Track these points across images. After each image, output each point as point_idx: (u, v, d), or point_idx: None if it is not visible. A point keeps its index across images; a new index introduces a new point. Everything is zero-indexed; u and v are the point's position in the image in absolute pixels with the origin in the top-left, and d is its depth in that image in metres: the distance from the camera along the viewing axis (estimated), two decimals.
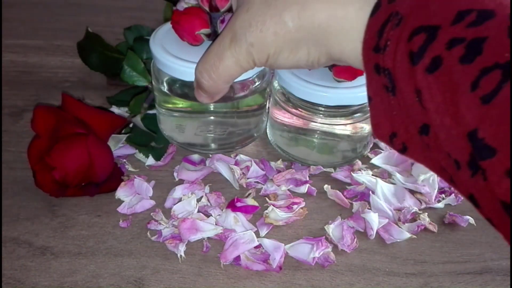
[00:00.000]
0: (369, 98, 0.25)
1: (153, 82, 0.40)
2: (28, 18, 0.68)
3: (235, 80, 0.32)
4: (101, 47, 0.50)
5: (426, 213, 0.40)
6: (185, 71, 0.36)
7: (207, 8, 0.36)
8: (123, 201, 0.40)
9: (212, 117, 0.42)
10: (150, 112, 0.46)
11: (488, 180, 0.20)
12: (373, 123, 0.25)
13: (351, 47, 0.25)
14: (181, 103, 0.40)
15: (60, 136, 0.37)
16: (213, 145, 0.43)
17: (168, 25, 0.39)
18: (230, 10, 0.37)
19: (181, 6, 0.38)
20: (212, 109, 0.41)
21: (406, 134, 0.24)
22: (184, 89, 0.39)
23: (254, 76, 0.38)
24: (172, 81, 0.39)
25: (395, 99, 0.23)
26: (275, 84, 0.42)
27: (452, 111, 0.20)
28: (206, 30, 0.36)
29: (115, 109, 0.48)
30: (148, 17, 0.56)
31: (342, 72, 0.38)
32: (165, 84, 0.39)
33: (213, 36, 0.37)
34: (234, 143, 0.43)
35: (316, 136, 0.43)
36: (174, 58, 0.36)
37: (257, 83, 0.40)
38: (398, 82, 0.22)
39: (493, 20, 0.20)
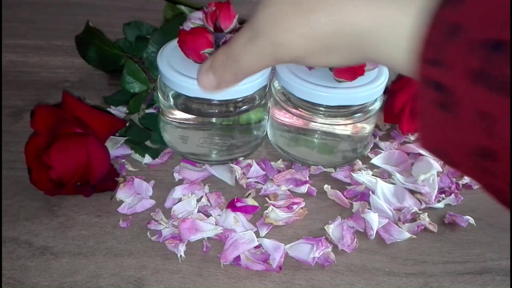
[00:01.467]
0: (420, 109, 0.22)
1: (159, 95, 0.42)
2: (28, 18, 0.68)
3: (235, 97, 0.33)
4: (100, 42, 0.50)
5: (426, 213, 0.40)
6: (190, 87, 0.37)
7: (211, 29, 0.38)
8: (123, 201, 0.40)
9: (214, 130, 0.42)
10: (147, 111, 0.47)
11: None
12: (420, 134, 0.23)
13: (394, 55, 0.22)
14: (184, 116, 0.41)
15: (59, 135, 0.37)
16: (214, 156, 0.43)
17: (174, 43, 0.41)
18: (233, 31, 0.38)
19: (187, 26, 0.40)
20: (214, 122, 0.41)
21: (457, 152, 0.21)
22: (188, 103, 0.40)
23: (255, 92, 0.40)
24: (177, 96, 0.40)
25: (449, 116, 0.20)
26: (275, 84, 0.42)
27: None
28: (210, 50, 0.38)
29: (112, 109, 0.48)
30: (148, 17, 0.56)
31: (343, 72, 0.38)
32: (170, 98, 0.41)
33: None
34: (235, 154, 0.44)
35: (316, 136, 0.43)
36: (179, 74, 0.38)
37: (257, 98, 0.41)
38: (457, 101, 0.20)
39: None
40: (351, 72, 0.38)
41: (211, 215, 0.39)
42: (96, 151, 0.38)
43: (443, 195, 0.42)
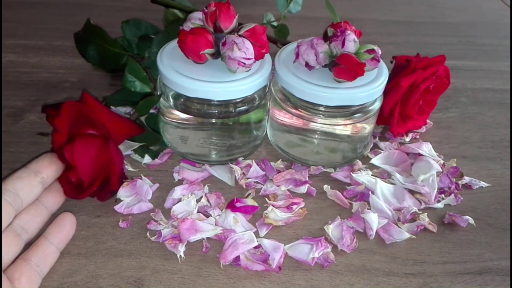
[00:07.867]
0: None
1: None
2: (28, 18, 0.68)
3: (235, 98, 0.33)
4: (101, 40, 0.49)
5: (426, 213, 0.40)
6: (189, 87, 0.37)
7: (211, 29, 0.38)
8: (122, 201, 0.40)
9: (214, 130, 0.42)
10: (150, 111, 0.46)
11: None
12: None
13: None
14: (184, 116, 0.41)
15: (75, 134, 0.36)
16: (214, 156, 0.43)
17: (174, 43, 0.41)
18: (233, 31, 0.38)
19: (188, 26, 0.40)
20: (214, 122, 0.41)
21: None
22: (188, 104, 0.40)
23: (255, 93, 0.40)
24: (177, 96, 0.40)
25: None
26: (275, 84, 0.42)
27: None
28: (210, 50, 0.38)
29: (111, 109, 0.48)
30: (149, 17, 0.56)
31: (342, 72, 0.38)
32: (170, 98, 0.41)
33: (217, 55, 0.38)
34: (234, 154, 0.44)
35: (316, 136, 0.43)
36: (179, 75, 0.38)
37: (257, 99, 0.41)
38: None
39: None
40: (351, 72, 0.38)
41: (211, 216, 0.39)
42: (117, 155, 0.37)
43: (443, 195, 0.42)
